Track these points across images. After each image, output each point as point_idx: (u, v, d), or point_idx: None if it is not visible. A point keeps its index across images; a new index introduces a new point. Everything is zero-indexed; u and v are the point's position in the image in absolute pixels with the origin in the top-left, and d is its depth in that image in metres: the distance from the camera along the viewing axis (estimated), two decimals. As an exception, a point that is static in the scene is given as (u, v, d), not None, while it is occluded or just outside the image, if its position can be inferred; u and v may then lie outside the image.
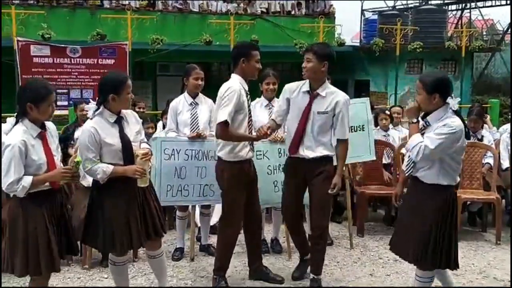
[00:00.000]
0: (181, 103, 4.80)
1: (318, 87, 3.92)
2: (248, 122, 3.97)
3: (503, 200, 5.86)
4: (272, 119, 4.17)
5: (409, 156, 3.48)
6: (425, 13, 14.53)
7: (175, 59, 12.59)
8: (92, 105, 3.43)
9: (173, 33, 12.26)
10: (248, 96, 3.99)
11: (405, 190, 3.66)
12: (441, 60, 14.40)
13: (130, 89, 3.43)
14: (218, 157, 4.03)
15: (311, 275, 4.14)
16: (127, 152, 3.41)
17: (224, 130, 3.77)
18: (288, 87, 4.07)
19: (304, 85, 3.98)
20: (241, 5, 13.58)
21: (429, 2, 17.48)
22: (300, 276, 4.34)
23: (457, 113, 3.35)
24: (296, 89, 4.00)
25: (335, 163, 4.08)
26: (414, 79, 14.04)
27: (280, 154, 4.72)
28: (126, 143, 3.41)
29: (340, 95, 3.96)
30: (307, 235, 4.41)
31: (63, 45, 10.13)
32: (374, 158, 5.33)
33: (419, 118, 3.43)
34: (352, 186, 5.63)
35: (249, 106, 3.98)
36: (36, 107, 3.10)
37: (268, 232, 5.14)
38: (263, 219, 4.53)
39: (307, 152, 3.94)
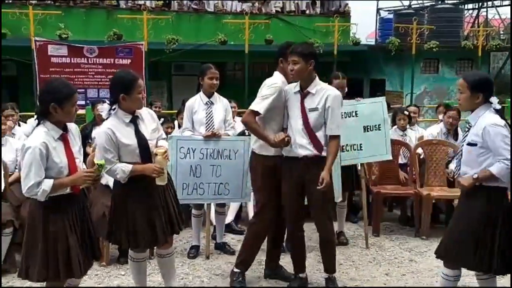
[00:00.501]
0: (196, 102, 4.83)
1: (308, 85, 3.93)
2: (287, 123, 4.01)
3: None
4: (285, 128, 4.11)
5: (456, 164, 3.50)
6: (441, 12, 14.39)
7: (190, 58, 12.64)
8: (106, 105, 3.45)
9: (188, 33, 12.30)
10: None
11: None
12: (457, 60, 14.25)
13: (141, 89, 3.43)
14: (252, 151, 4.14)
15: (326, 274, 4.14)
16: (144, 151, 3.44)
17: (249, 117, 3.92)
18: (286, 88, 4.08)
19: (296, 85, 4.00)
20: (256, 4, 13.57)
21: (445, 1, 17.32)
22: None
23: (498, 112, 3.35)
24: (289, 91, 4.03)
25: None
26: (430, 78, 14.02)
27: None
28: (142, 142, 3.44)
29: (330, 91, 3.96)
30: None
31: (80, 45, 10.22)
32: (391, 158, 5.30)
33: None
34: (368, 186, 5.62)
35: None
36: (60, 107, 3.03)
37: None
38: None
39: (300, 150, 3.90)
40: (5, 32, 10.40)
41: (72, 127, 3.27)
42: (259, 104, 3.90)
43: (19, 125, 5.80)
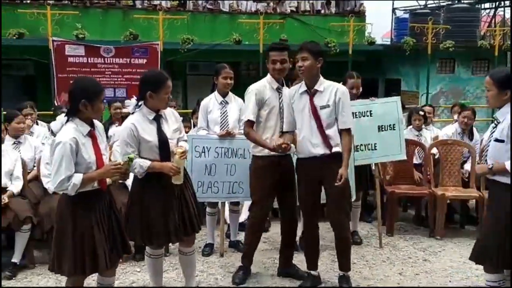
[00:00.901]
0: (211, 101, 4.88)
1: (315, 84, 3.96)
2: (280, 118, 4.09)
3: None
4: (284, 132, 4.13)
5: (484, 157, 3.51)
6: (457, 12, 14.25)
7: (205, 58, 12.70)
8: (133, 100, 3.53)
9: (203, 33, 12.36)
10: (280, 92, 4.11)
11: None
12: (474, 59, 14.12)
13: (169, 90, 3.51)
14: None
15: (340, 272, 4.16)
16: (163, 149, 3.50)
17: (247, 128, 4.09)
18: (287, 92, 4.13)
19: (301, 87, 4.03)
20: (271, 4, 13.58)
21: (462, 1, 17.16)
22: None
23: None
24: (293, 94, 4.05)
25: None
26: (446, 78, 13.92)
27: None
28: (163, 140, 3.50)
29: (337, 86, 4.01)
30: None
31: (97, 45, 10.35)
32: (405, 158, 5.30)
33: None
34: (382, 186, 5.61)
35: (280, 102, 4.10)
36: (90, 104, 3.11)
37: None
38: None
39: (317, 149, 3.93)
40: (23, 32, 10.56)
41: (98, 124, 3.36)
42: (247, 113, 4.10)
43: (37, 124, 5.90)
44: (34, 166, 5.07)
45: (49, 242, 4.64)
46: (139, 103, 3.52)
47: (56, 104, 9.22)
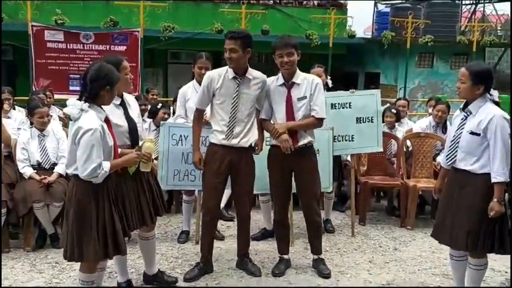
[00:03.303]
0: (189, 90, 4.90)
1: (292, 77, 4.04)
2: (233, 107, 4.00)
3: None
4: (265, 120, 4.18)
5: (449, 148, 3.55)
6: (437, 7, 14.45)
7: (187, 47, 12.67)
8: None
9: (185, 21, 12.31)
10: (238, 81, 4.00)
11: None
12: (453, 54, 14.34)
13: (127, 70, 3.54)
14: None
15: (314, 256, 4.36)
16: (133, 133, 3.55)
17: (194, 116, 4.19)
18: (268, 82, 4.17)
19: (278, 79, 4.10)
20: (254, -6, 13.59)
21: (443, -4, 17.36)
22: (281, 273, 4.28)
23: (497, 104, 3.44)
24: (270, 84, 4.12)
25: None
26: (424, 72, 14.10)
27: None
28: (132, 124, 3.55)
29: (314, 77, 4.11)
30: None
31: (76, 31, 10.26)
32: (381, 150, 5.43)
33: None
34: (356, 176, 5.73)
35: (236, 92, 3.99)
36: (111, 90, 3.13)
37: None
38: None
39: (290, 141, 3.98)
40: (2, 16, 10.40)
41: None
42: (195, 101, 4.16)
43: (14, 109, 5.88)
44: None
45: (25, 228, 4.67)
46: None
47: (33, 90, 9.15)
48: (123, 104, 3.57)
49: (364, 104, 5.17)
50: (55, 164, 4.85)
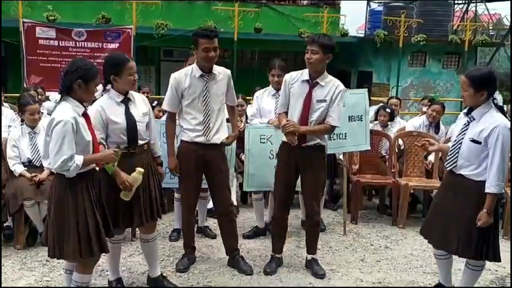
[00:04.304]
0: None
1: (318, 76, 3.97)
2: (204, 105, 4.03)
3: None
4: (281, 113, 4.16)
5: (450, 152, 3.50)
6: (430, 6, 14.50)
7: (180, 44, 12.62)
8: (100, 85, 3.51)
9: (178, 19, 12.27)
10: (206, 79, 4.03)
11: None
12: (445, 54, 14.40)
13: (132, 71, 3.49)
14: None
15: (309, 256, 4.34)
16: (131, 131, 3.52)
17: (167, 120, 4.20)
18: (288, 77, 4.12)
19: (303, 74, 4.03)
20: (247, -9, 13.56)
21: (435, -5, 17.41)
22: (272, 271, 4.28)
23: (501, 109, 3.40)
24: (295, 78, 4.06)
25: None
26: (416, 71, 14.16)
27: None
28: (131, 122, 3.52)
29: (337, 83, 4.02)
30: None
31: (68, 28, 10.20)
32: (369, 148, 5.44)
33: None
34: (349, 175, 5.74)
35: (205, 89, 4.02)
36: (85, 85, 3.05)
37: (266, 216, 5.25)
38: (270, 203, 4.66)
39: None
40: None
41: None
42: (164, 103, 4.16)
43: (3, 105, 5.85)
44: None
45: (16, 226, 4.65)
46: (107, 87, 3.52)
47: (25, 86, 9.09)
48: (125, 102, 3.55)
49: (354, 102, 5.18)
50: (46, 162, 4.81)
